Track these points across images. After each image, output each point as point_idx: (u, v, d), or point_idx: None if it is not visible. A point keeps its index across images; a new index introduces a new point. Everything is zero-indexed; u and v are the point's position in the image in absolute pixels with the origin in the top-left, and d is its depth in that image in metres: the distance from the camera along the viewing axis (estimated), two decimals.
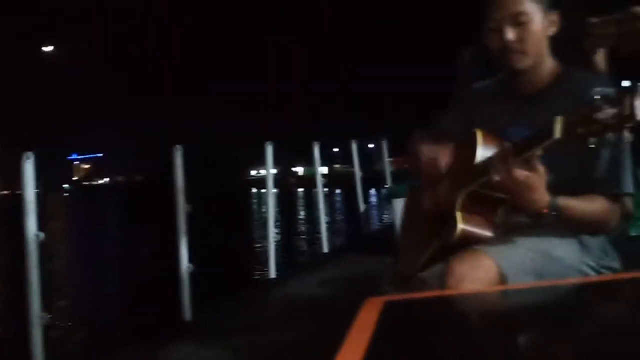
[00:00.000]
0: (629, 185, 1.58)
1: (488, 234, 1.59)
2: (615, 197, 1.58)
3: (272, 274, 5.23)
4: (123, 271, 12.98)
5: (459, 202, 1.60)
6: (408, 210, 2.03)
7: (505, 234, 1.59)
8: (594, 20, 1.92)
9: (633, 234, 2.02)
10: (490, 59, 2.14)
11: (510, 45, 1.62)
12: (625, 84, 1.21)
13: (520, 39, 1.61)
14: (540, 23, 1.63)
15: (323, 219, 6.73)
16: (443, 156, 1.78)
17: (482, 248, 1.52)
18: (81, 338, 7.51)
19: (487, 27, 1.67)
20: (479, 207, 1.60)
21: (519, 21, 1.61)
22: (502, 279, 1.46)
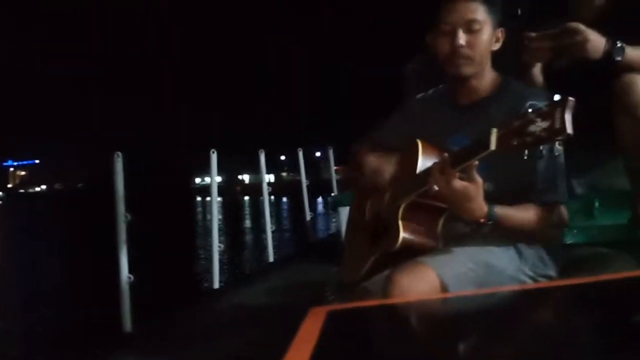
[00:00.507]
0: (563, 194, 1.64)
1: (429, 243, 1.61)
2: (549, 205, 1.63)
3: (216, 283, 5.15)
4: (60, 282, 12.56)
5: (401, 211, 1.62)
6: (352, 219, 2.04)
7: (446, 243, 1.62)
8: (531, 34, 1.98)
9: (568, 241, 2.09)
10: (434, 71, 2.19)
11: (460, 50, 1.66)
12: (556, 97, 1.25)
13: (470, 45, 1.66)
14: (489, 34, 1.69)
15: (268, 227, 6.68)
16: (385, 165, 1.80)
17: (424, 259, 1.54)
18: (17, 351, 7.22)
19: (439, 31, 1.71)
20: (420, 217, 1.62)
21: (471, 28, 1.66)
22: (444, 290, 1.48)
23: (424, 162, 1.60)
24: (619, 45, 1.95)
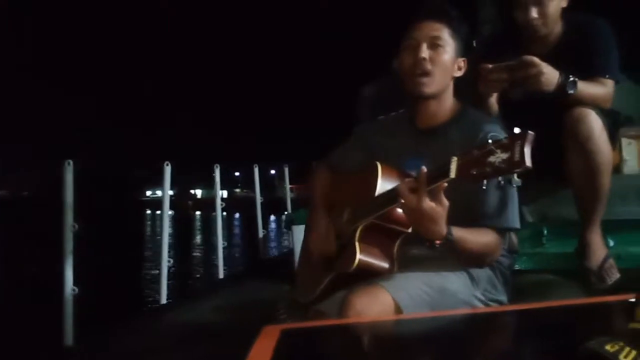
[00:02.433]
0: (515, 220, 1.67)
1: (385, 265, 1.61)
2: (501, 231, 1.66)
3: (163, 298, 5.03)
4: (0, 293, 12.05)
5: (358, 233, 1.62)
6: (307, 238, 2.03)
7: (401, 265, 1.63)
8: (488, 65, 2.04)
9: (517, 267, 2.14)
10: (391, 95, 2.22)
11: (422, 62, 1.69)
12: (516, 130, 1.27)
13: (432, 60, 1.70)
14: (451, 56, 1.72)
15: (220, 243, 6.59)
16: (343, 186, 1.81)
17: (379, 281, 1.55)
18: None
19: (404, 47, 1.74)
20: (377, 239, 1.62)
21: (435, 43, 1.70)
22: (399, 312, 1.49)
23: (383, 185, 1.61)
24: (571, 79, 2.03)
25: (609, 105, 2.18)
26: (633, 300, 1.10)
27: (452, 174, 1.35)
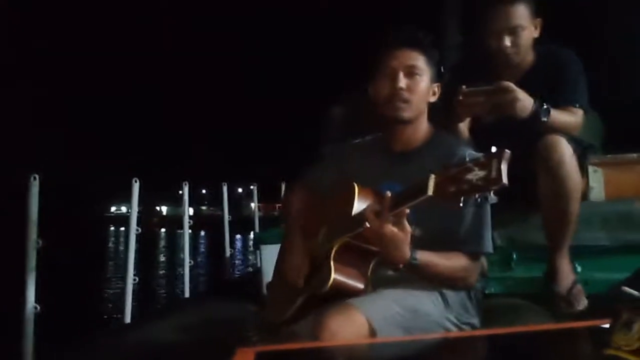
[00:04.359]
0: (488, 245, 1.70)
1: (359, 285, 1.61)
2: (475, 255, 1.68)
3: (127, 317, 4.93)
4: None
5: (334, 252, 1.62)
6: (281, 258, 2.02)
7: (375, 286, 1.63)
8: (466, 89, 2.08)
9: (487, 291, 2.16)
10: (360, 117, 2.24)
11: (400, 92, 1.72)
12: (493, 149, 1.30)
13: (409, 88, 1.73)
14: (427, 83, 1.76)
15: (187, 261, 6.50)
16: (319, 206, 1.81)
17: (353, 302, 1.54)
18: None
19: (380, 74, 1.77)
20: (352, 259, 1.63)
21: (412, 72, 1.74)
22: (372, 333, 1.49)
23: (359, 205, 1.62)
24: (545, 107, 2.08)
25: (578, 133, 2.24)
26: (605, 326, 1.12)
27: (430, 191, 1.37)
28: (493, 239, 1.75)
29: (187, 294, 6.26)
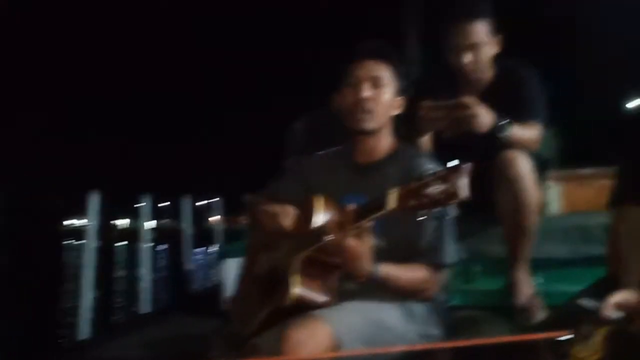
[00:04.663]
0: (451, 256, 1.72)
1: (322, 298, 1.61)
2: (437, 266, 1.70)
3: (85, 334, 4.81)
4: None
5: (296, 266, 1.61)
6: (244, 271, 2.00)
7: (339, 298, 1.63)
8: (428, 103, 2.11)
9: (452, 304, 2.17)
10: (323, 129, 2.25)
11: (364, 102, 1.73)
12: (454, 162, 1.32)
13: (373, 99, 1.74)
14: (391, 95, 1.78)
15: (145, 276, 6.40)
16: (283, 219, 1.80)
17: (318, 314, 1.54)
18: None
19: (345, 85, 1.78)
20: (315, 271, 1.62)
21: (376, 83, 1.75)
22: (337, 346, 1.49)
23: (322, 218, 1.62)
24: (505, 122, 2.12)
25: (537, 148, 2.29)
26: (564, 338, 1.14)
27: (392, 205, 1.38)
28: (457, 251, 1.77)
29: (147, 310, 6.16)
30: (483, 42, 2.29)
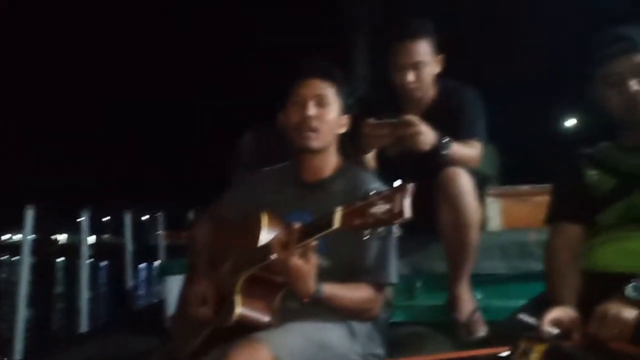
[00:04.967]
0: (393, 275, 1.73)
1: (266, 318, 1.59)
2: (380, 285, 1.71)
3: (18, 355, 4.61)
4: None
5: (239, 285, 1.59)
6: (185, 289, 1.96)
7: (283, 317, 1.61)
8: (371, 121, 2.13)
9: (392, 320, 2.19)
10: (271, 145, 2.24)
11: (309, 120, 1.74)
12: (397, 182, 1.33)
13: (318, 118, 1.75)
14: (336, 114, 1.79)
15: (85, 293, 6.20)
16: (227, 237, 1.78)
17: (259, 336, 1.52)
18: None
19: (291, 103, 1.78)
20: (259, 291, 1.61)
21: (321, 102, 1.76)
22: None
23: (266, 236, 1.60)
24: (446, 140, 2.16)
25: (477, 165, 2.34)
26: (504, 354, 1.16)
27: (336, 224, 1.38)
28: (397, 268, 1.78)
29: (85, 329, 5.96)
30: (425, 61, 2.34)
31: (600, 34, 1.64)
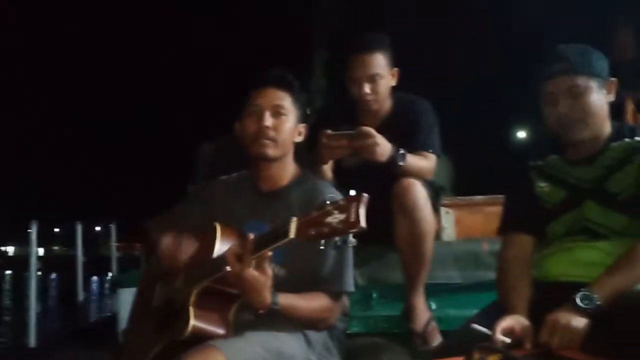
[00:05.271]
0: (349, 284, 1.73)
1: (220, 330, 1.57)
2: (336, 294, 1.71)
3: None
4: None
5: (193, 297, 1.57)
6: (138, 302, 1.92)
7: (238, 328, 1.60)
8: (329, 132, 2.15)
9: (349, 331, 2.19)
10: (229, 154, 2.22)
11: (265, 130, 1.73)
12: (352, 192, 1.33)
13: (275, 127, 1.74)
14: (293, 123, 1.79)
15: (33, 307, 6.01)
16: (182, 247, 1.75)
17: (215, 343, 1.50)
18: None
19: (247, 112, 1.78)
20: (213, 303, 1.59)
21: (278, 111, 1.76)
22: None
23: (221, 247, 1.59)
24: (402, 152, 2.19)
25: (432, 176, 2.38)
26: None
27: (292, 235, 1.38)
28: (354, 278, 1.79)
29: (32, 344, 5.77)
30: (381, 73, 2.37)
31: (545, 52, 1.70)
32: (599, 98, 1.64)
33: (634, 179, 1.61)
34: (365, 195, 1.31)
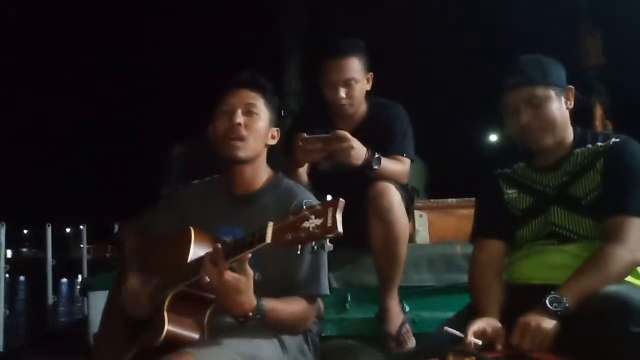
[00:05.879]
0: (326, 288, 1.73)
1: (195, 336, 1.56)
2: (312, 298, 1.71)
3: None
4: None
5: (168, 302, 1.55)
6: (110, 306, 1.90)
7: (213, 334, 1.59)
8: (305, 136, 2.15)
9: (323, 334, 2.19)
10: (200, 158, 2.21)
11: (237, 128, 1.72)
12: (329, 197, 1.34)
13: (247, 126, 1.74)
14: (265, 124, 1.78)
15: (1, 310, 5.88)
16: (154, 252, 1.74)
17: (190, 351, 1.49)
18: None
19: (219, 112, 1.77)
20: (188, 308, 1.57)
21: (250, 111, 1.75)
22: None
23: (196, 252, 1.58)
24: (377, 156, 2.21)
25: (406, 180, 2.40)
26: None
27: (268, 240, 1.38)
28: (329, 281, 1.79)
29: (1, 348, 5.65)
30: (357, 78, 2.38)
31: (509, 64, 1.73)
32: (559, 107, 1.69)
33: (597, 183, 1.65)
34: (342, 200, 1.31)
